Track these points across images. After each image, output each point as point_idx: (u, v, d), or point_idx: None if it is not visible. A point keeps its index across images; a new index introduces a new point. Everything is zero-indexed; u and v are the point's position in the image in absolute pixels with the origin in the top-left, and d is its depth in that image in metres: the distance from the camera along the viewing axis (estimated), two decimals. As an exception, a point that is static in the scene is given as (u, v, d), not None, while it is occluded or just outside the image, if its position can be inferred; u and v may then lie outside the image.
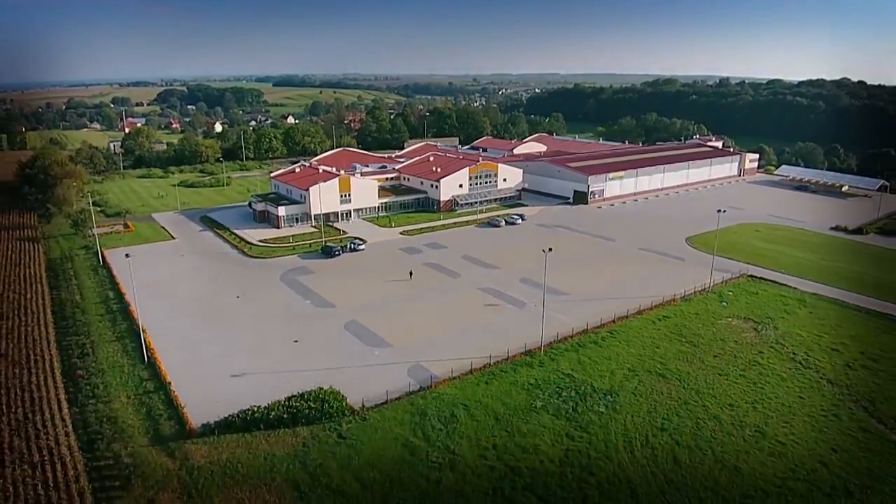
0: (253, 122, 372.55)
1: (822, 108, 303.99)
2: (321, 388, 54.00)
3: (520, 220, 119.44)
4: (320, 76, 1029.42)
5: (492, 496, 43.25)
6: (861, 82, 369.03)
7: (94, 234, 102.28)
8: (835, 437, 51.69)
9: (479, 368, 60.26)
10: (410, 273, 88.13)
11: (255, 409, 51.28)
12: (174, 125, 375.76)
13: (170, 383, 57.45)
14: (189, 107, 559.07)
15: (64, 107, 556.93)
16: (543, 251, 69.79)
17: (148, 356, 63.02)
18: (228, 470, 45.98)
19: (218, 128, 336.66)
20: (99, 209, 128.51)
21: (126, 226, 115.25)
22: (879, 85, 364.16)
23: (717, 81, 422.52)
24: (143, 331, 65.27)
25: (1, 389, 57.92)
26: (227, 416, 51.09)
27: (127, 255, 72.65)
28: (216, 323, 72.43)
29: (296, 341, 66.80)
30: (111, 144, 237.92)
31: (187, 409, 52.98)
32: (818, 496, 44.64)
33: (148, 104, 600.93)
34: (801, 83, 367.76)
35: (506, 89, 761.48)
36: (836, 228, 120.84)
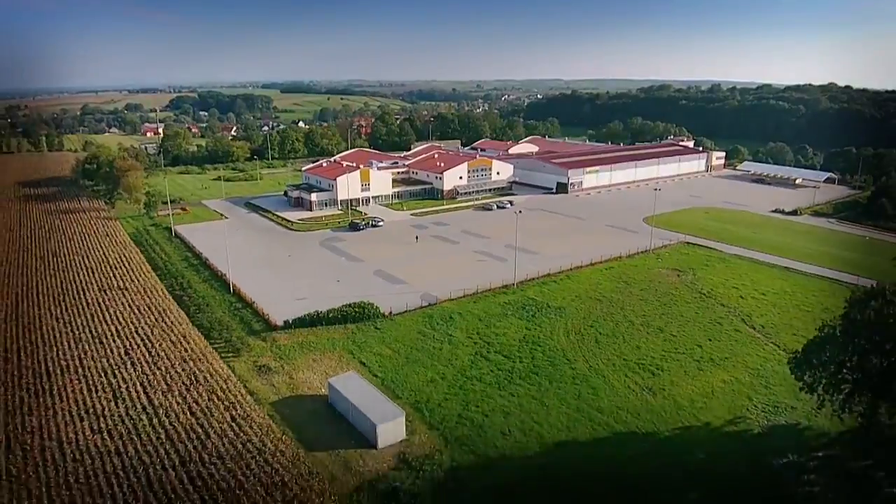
0: (266, 127, 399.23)
1: (802, 112, 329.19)
2: (362, 301, 79.71)
3: (509, 205, 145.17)
4: (325, 82, 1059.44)
5: (474, 355, 68.93)
6: (848, 87, 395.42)
7: (168, 214, 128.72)
8: (713, 333, 76.88)
9: (469, 294, 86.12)
10: (416, 237, 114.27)
11: (318, 312, 77.11)
12: (193, 130, 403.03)
13: (253, 303, 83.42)
14: (202, 113, 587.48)
15: (79, 112, 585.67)
16: (515, 213, 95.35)
17: (232, 289, 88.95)
18: (304, 345, 71.80)
19: (234, 131, 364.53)
20: (153, 197, 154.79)
21: (184, 209, 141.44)
22: (862, 89, 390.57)
23: (710, 87, 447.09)
24: (225, 274, 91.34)
25: (133, 307, 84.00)
26: (298, 317, 76.83)
27: (225, 216, 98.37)
28: (276, 271, 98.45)
29: (338, 281, 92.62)
30: (144, 146, 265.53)
31: (269, 316, 78.82)
32: (690, 361, 69.75)
33: (161, 110, 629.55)
34: (787, 88, 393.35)
35: (508, 95, 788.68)
36: (776, 211, 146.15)
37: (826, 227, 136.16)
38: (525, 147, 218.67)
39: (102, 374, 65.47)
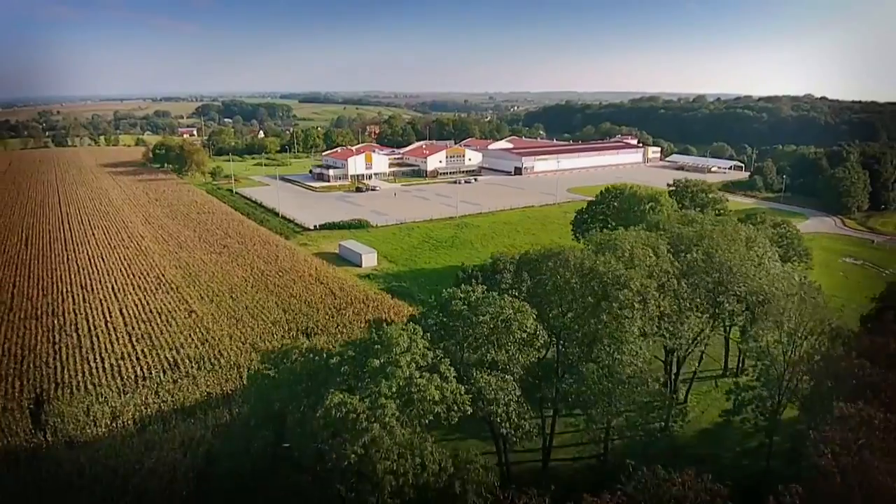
0: (287, 132, 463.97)
1: (765, 119, 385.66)
2: (360, 218, 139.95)
3: (474, 181, 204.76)
4: (342, 93, 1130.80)
5: (421, 242, 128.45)
6: (823, 97, 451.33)
7: (227, 182, 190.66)
8: (560, 232, 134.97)
9: (427, 220, 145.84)
10: (395, 193, 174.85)
11: (333, 222, 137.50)
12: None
13: (294, 219, 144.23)
14: (226, 119, 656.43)
15: (111, 117, 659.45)
16: (467, 181, 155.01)
17: (280, 215, 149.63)
18: (325, 236, 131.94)
19: (261, 135, 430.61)
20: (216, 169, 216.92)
21: (236, 179, 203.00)
22: (835, 99, 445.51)
23: (694, 98, 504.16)
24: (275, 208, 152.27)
25: (221, 219, 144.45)
26: (322, 224, 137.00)
27: (267, 184, 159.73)
28: (307, 209, 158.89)
29: (346, 214, 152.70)
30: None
31: (304, 224, 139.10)
32: (532, 239, 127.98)
33: (188, 117, 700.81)
34: (759, 98, 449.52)
35: (517, 106, 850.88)
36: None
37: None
38: (502, 144, 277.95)
39: (215, 241, 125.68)
